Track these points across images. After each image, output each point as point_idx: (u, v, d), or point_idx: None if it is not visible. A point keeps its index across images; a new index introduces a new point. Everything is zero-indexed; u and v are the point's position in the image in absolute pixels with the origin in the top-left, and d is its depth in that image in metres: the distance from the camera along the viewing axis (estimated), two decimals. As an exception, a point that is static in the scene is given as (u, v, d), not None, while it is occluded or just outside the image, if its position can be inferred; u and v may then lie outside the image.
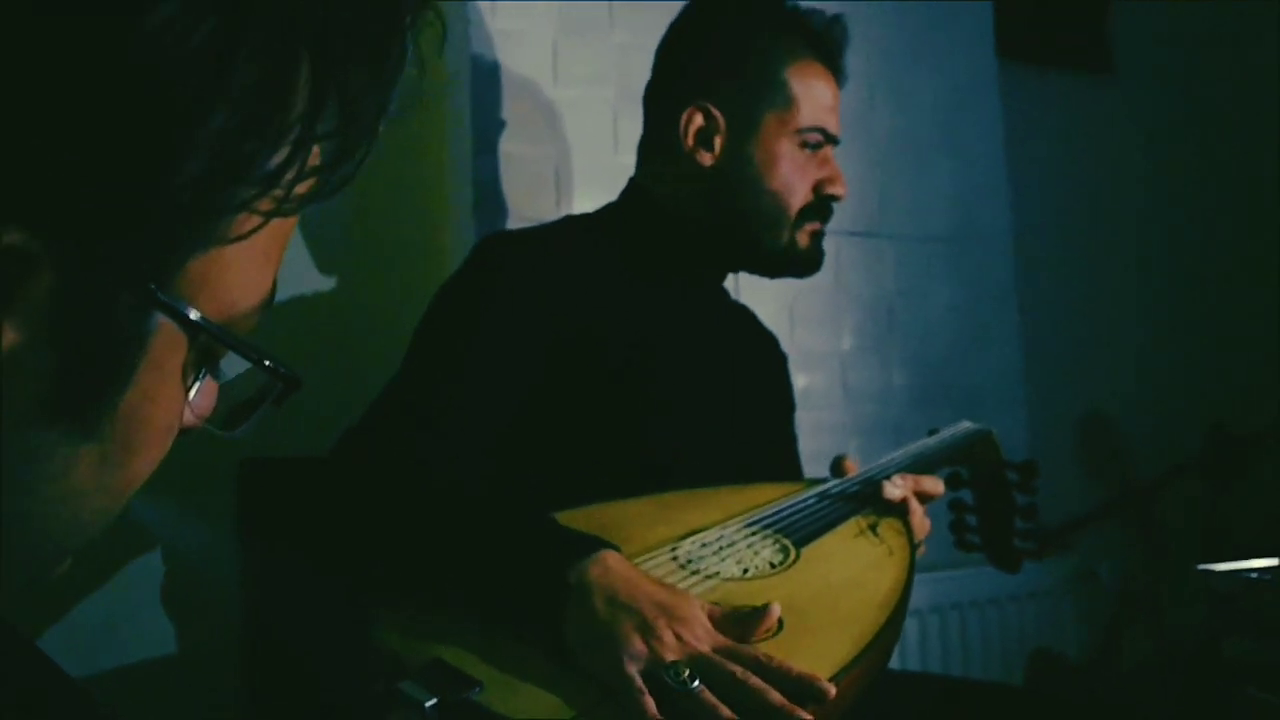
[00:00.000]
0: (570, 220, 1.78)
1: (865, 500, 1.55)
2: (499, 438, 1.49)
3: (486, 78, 2.19)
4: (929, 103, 2.77)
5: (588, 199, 1.86)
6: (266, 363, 0.62)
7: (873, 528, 1.50)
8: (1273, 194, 3.43)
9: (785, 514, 1.48)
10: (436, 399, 1.45)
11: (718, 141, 1.67)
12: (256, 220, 0.56)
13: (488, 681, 1.14)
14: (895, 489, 1.54)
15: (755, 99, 1.67)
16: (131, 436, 0.57)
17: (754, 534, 1.44)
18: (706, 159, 1.67)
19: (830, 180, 1.69)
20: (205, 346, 0.59)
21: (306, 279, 2.12)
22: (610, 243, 1.69)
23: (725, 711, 1.08)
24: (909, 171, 2.73)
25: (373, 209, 2.21)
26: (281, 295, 2.00)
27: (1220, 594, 2.03)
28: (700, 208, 1.69)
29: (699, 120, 1.67)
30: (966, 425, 1.83)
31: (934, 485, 1.61)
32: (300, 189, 0.57)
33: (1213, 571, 2.05)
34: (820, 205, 1.70)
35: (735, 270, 1.81)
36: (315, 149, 0.57)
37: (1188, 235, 3.41)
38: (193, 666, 1.99)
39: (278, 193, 0.56)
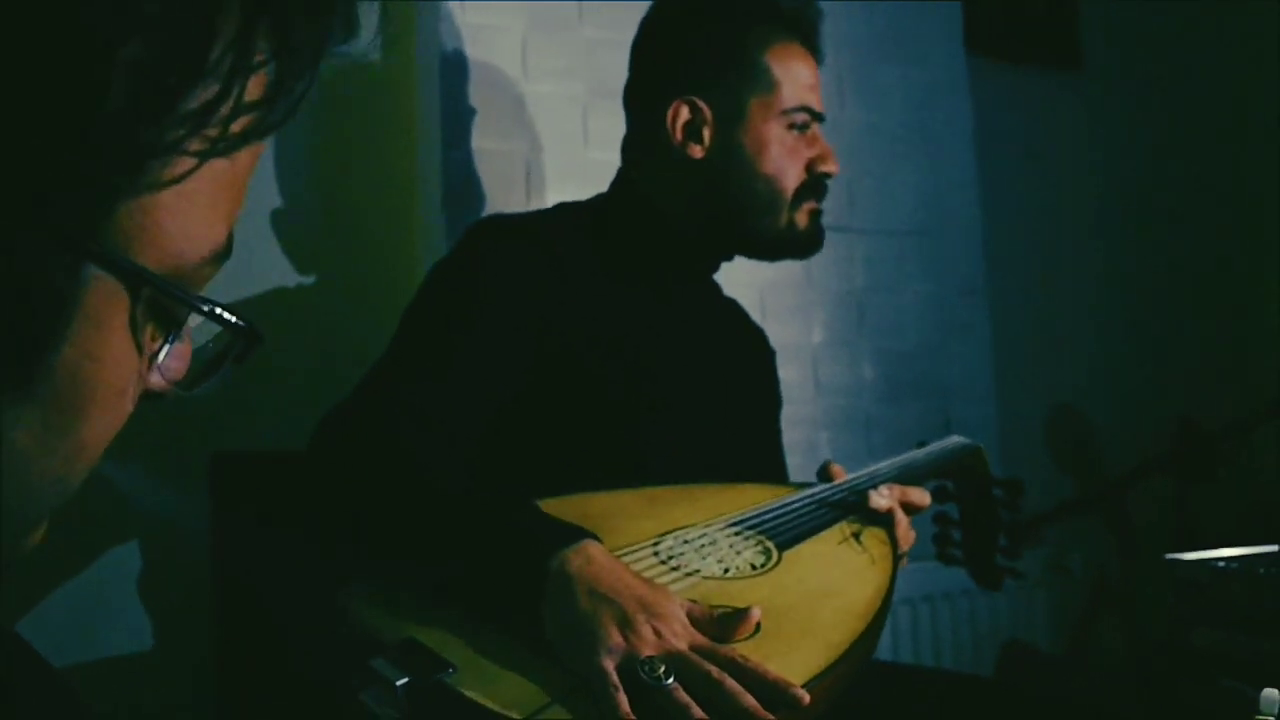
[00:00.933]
0: (563, 209, 1.78)
1: (851, 508, 1.55)
2: (483, 425, 1.49)
3: (457, 72, 2.19)
4: (899, 98, 2.77)
5: (558, 194, 1.86)
6: (221, 314, 0.58)
7: (856, 536, 1.50)
8: (1239, 188, 3.45)
9: (770, 516, 1.48)
10: (423, 384, 1.44)
11: (706, 133, 1.67)
12: (190, 163, 0.53)
13: (461, 665, 1.13)
14: (882, 499, 1.55)
15: (738, 87, 1.67)
16: (74, 397, 0.54)
17: (737, 534, 1.44)
18: (697, 151, 1.67)
19: (822, 158, 1.70)
20: (155, 302, 0.55)
21: (277, 273, 2.11)
22: (601, 235, 1.70)
23: (697, 711, 1.07)
24: (879, 166, 2.73)
25: (343, 203, 2.20)
26: (252, 290, 2.00)
27: (1188, 584, 2.04)
28: (694, 201, 1.69)
29: (685, 114, 1.67)
30: (956, 439, 1.83)
31: (920, 497, 1.61)
32: (235, 127, 0.54)
33: (1180, 561, 2.06)
34: (815, 184, 1.70)
35: (730, 258, 1.80)
36: (251, 84, 0.54)
37: (1155, 229, 3.43)
38: (166, 658, 1.98)
39: (210, 131, 0.52)
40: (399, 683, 1.09)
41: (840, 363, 2.63)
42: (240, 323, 0.59)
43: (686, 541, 1.40)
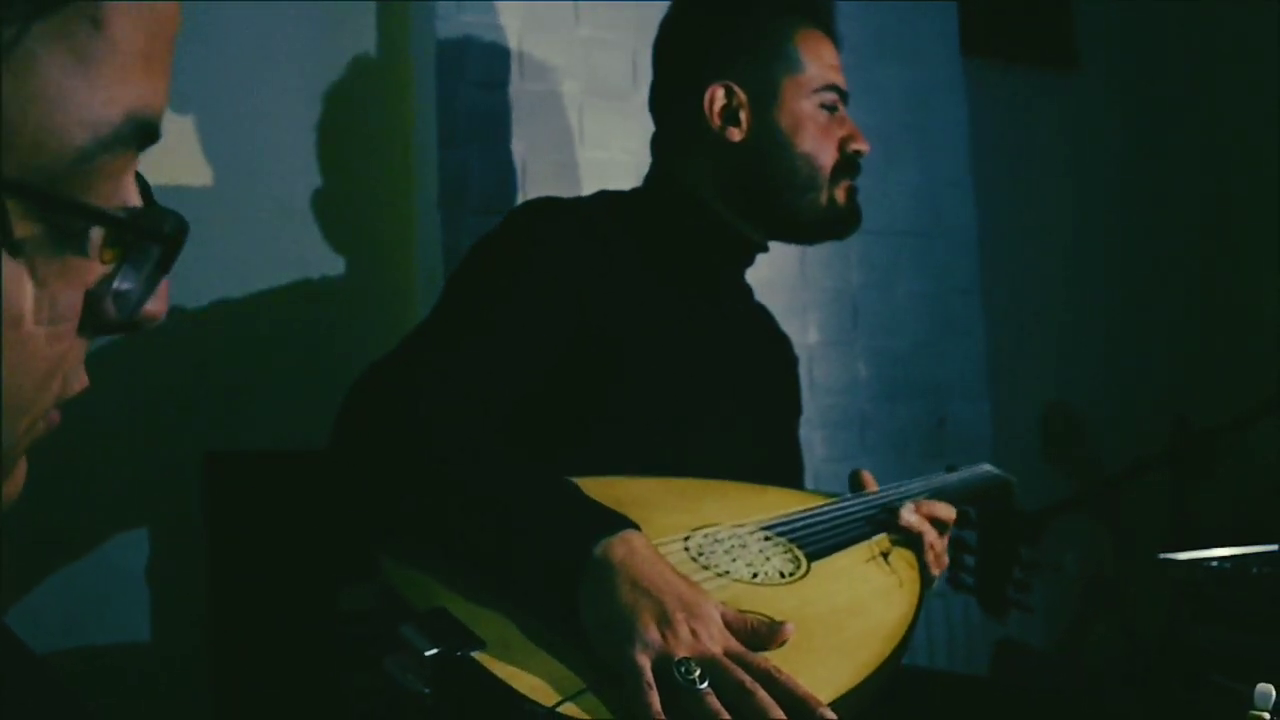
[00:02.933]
0: (606, 196, 1.79)
1: (881, 524, 1.55)
2: (517, 396, 1.49)
3: (453, 71, 2.19)
4: (894, 98, 2.77)
5: (553, 193, 1.86)
6: (113, 215, 0.50)
7: (885, 555, 1.49)
8: (1236, 187, 3.46)
9: (801, 525, 1.48)
10: (460, 349, 1.44)
11: (743, 116, 1.71)
12: (10, 31, 0.45)
13: (491, 641, 1.12)
14: (912, 516, 1.55)
15: (770, 69, 1.72)
16: None
17: (767, 539, 1.43)
18: (735, 135, 1.71)
19: (853, 137, 1.75)
20: (30, 213, 0.47)
21: (272, 272, 2.11)
22: (643, 225, 1.71)
23: (726, 717, 1.07)
24: (875, 166, 2.72)
25: (339, 202, 2.21)
26: (247, 288, 2.00)
27: (1183, 583, 2.04)
28: (736, 187, 1.72)
29: (721, 98, 1.71)
30: (988, 469, 1.84)
31: (946, 511, 1.61)
32: None
33: (1175, 561, 2.06)
34: (849, 162, 1.75)
35: (766, 249, 1.81)
36: None
37: (1149, 228, 3.43)
38: (160, 654, 1.98)
39: None
40: (428, 653, 1.07)
41: (835, 362, 2.63)
42: (142, 221, 0.52)
43: (717, 540, 1.39)
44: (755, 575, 1.34)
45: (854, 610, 1.35)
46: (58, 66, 0.46)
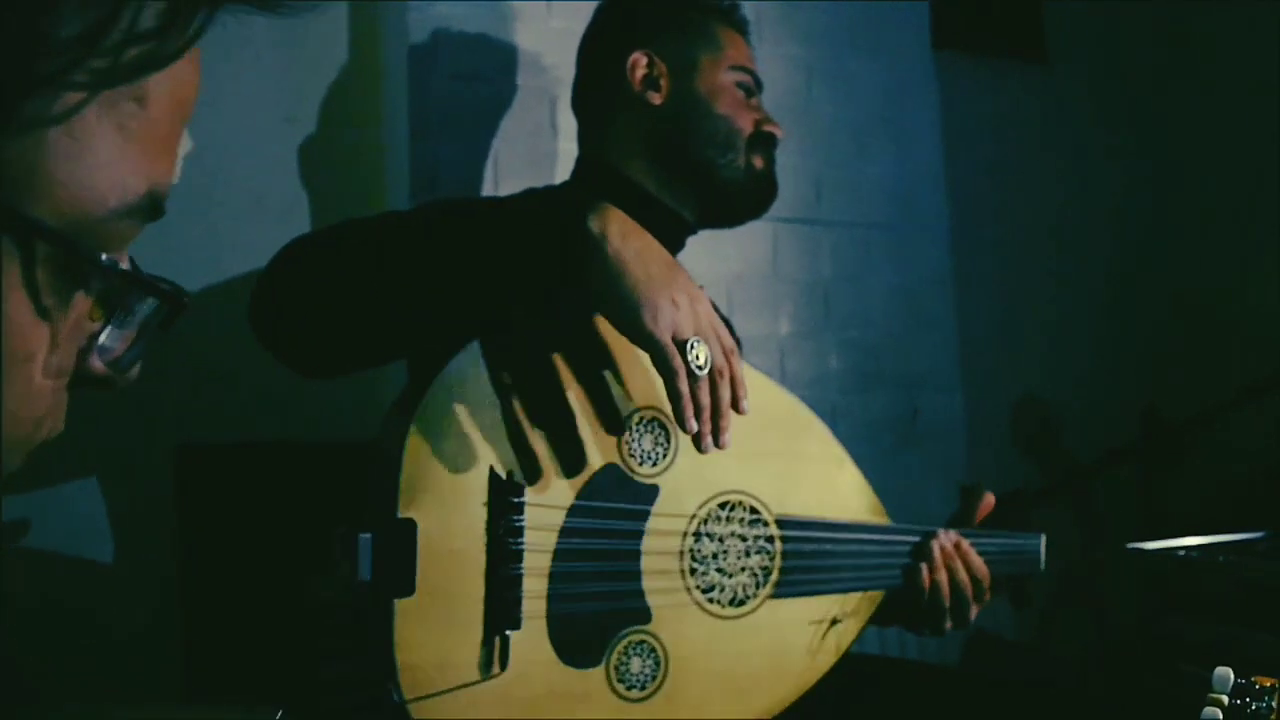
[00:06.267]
0: (530, 194, 1.80)
1: (880, 571, 1.58)
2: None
3: (424, 64, 2.18)
4: (866, 91, 2.78)
5: (526, 185, 1.86)
6: (130, 275, 0.54)
7: (835, 621, 1.54)
8: (1206, 180, 3.48)
9: (813, 541, 1.51)
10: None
11: (663, 83, 1.77)
12: (77, 97, 0.49)
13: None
14: (946, 541, 1.59)
15: (690, 46, 1.79)
16: None
17: (770, 539, 1.48)
18: (655, 99, 1.77)
19: (768, 120, 1.81)
20: (54, 261, 0.51)
21: (244, 265, 2.10)
22: None
23: (705, 400, 1.24)
24: (847, 158, 2.74)
25: (311, 195, 2.20)
26: (219, 281, 1.99)
27: (1153, 573, 2.06)
28: (657, 150, 1.76)
29: (643, 65, 1.77)
30: (1037, 548, 1.83)
31: (982, 571, 1.63)
32: (126, 57, 0.50)
33: (1144, 551, 2.08)
34: (764, 139, 1.80)
35: (695, 231, 1.84)
36: (144, 11, 0.51)
37: (1120, 220, 3.45)
38: (131, 648, 1.98)
39: (97, 62, 0.48)
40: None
41: (807, 354, 2.64)
42: (157, 284, 0.56)
43: (725, 521, 1.44)
44: (711, 590, 1.42)
45: (767, 663, 1.46)
46: (106, 135, 0.50)
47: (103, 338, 0.56)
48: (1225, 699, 1.03)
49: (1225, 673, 1.04)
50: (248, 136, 2.16)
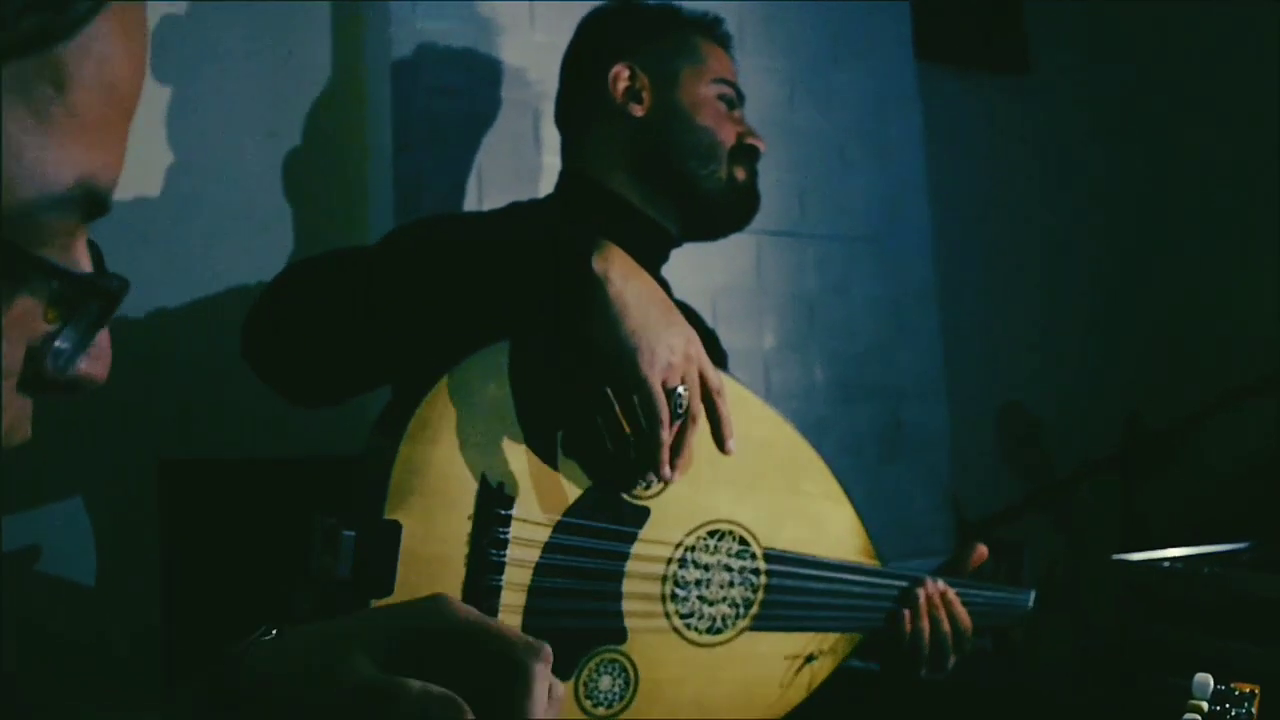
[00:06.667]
0: (514, 207, 1.82)
1: (862, 613, 1.58)
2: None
3: (408, 76, 2.19)
4: (850, 103, 2.79)
5: (510, 199, 1.86)
6: (56, 267, 0.51)
7: (810, 658, 1.54)
8: (1187, 190, 3.50)
9: (797, 579, 1.51)
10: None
11: (645, 96, 1.78)
12: None
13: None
14: (933, 589, 1.60)
15: (672, 59, 1.80)
16: None
17: (755, 572, 1.48)
18: (637, 110, 1.78)
19: (750, 133, 1.81)
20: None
21: (227, 278, 2.10)
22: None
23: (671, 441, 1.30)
24: (830, 171, 2.75)
25: (295, 208, 2.20)
26: (201, 295, 1.98)
27: (1136, 583, 2.06)
28: (639, 161, 1.77)
29: (625, 78, 1.78)
30: (1026, 604, 1.83)
31: (965, 620, 1.63)
32: (24, 26, 0.47)
33: (1127, 561, 2.08)
34: (746, 151, 1.80)
35: (679, 243, 1.84)
36: None
37: (1101, 231, 3.47)
38: (113, 665, 1.97)
39: None
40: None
41: (791, 366, 2.64)
42: (95, 282, 0.53)
43: (710, 551, 1.44)
44: (690, 617, 1.42)
45: (739, 692, 1.47)
46: (15, 121, 0.47)
47: (58, 341, 0.53)
48: (1205, 705, 1.04)
49: (1205, 679, 1.05)
50: (231, 150, 2.16)
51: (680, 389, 1.28)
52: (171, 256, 2.05)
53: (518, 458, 1.29)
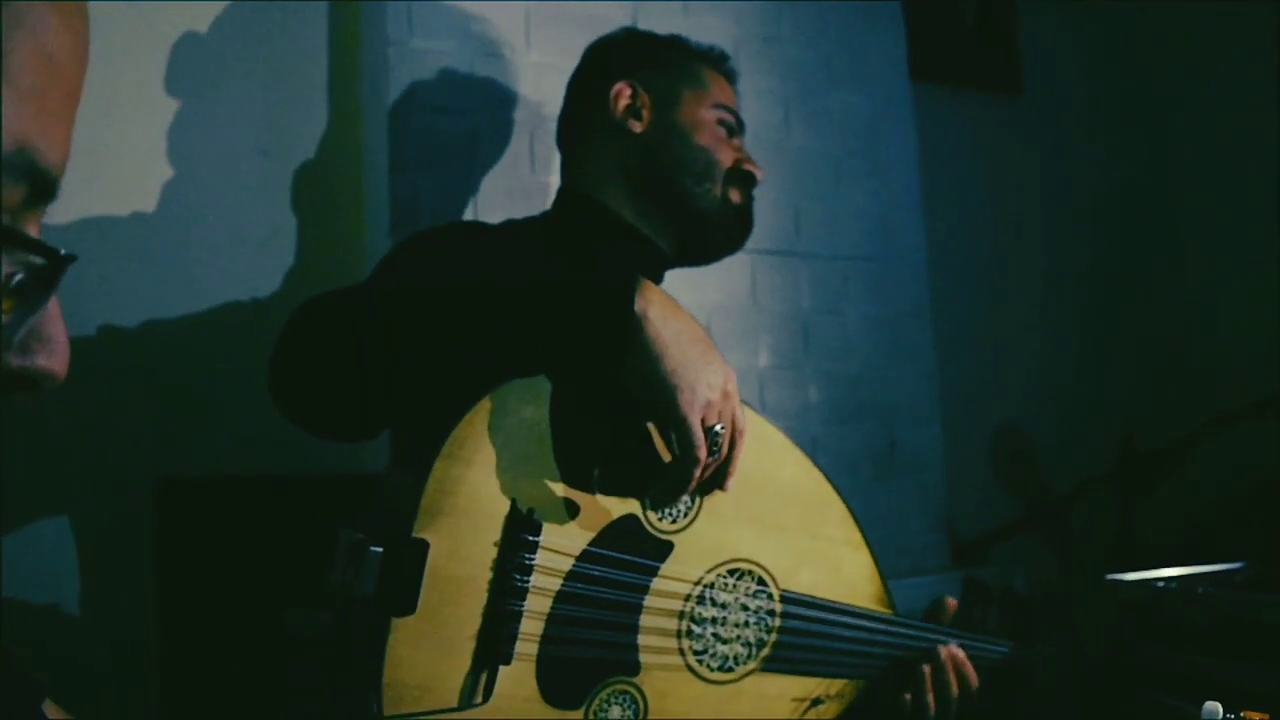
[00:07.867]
0: (511, 224, 1.82)
1: (873, 661, 1.58)
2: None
3: (404, 98, 2.19)
4: (845, 123, 2.80)
5: (506, 218, 1.86)
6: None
7: (816, 701, 1.54)
8: (1178, 211, 3.51)
9: (811, 624, 1.52)
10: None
11: (645, 113, 1.79)
12: None
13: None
14: (953, 655, 1.60)
15: (674, 81, 1.82)
16: None
17: (770, 612, 1.48)
18: (636, 126, 1.79)
19: (748, 160, 1.83)
20: None
21: (224, 298, 2.10)
22: (551, 243, 1.75)
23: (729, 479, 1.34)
24: (825, 191, 2.75)
25: (290, 229, 2.20)
26: (198, 314, 1.98)
27: (1131, 603, 2.06)
28: (635, 177, 1.78)
29: (626, 95, 1.80)
30: (1024, 655, 1.84)
31: (973, 678, 1.63)
32: None
33: (1122, 581, 2.08)
34: (743, 176, 1.82)
35: (673, 265, 1.85)
36: None
37: (1096, 252, 3.47)
38: (108, 682, 1.96)
39: None
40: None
41: (786, 386, 2.64)
42: (32, 239, 0.51)
43: (728, 590, 1.44)
44: (703, 654, 1.42)
45: None
46: None
47: (11, 331, 0.52)
48: (1215, 732, 1.03)
49: (1215, 707, 1.04)
50: (228, 170, 2.16)
51: (718, 427, 1.30)
52: (168, 274, 2.05)
53: (550, 484, 1.29)
